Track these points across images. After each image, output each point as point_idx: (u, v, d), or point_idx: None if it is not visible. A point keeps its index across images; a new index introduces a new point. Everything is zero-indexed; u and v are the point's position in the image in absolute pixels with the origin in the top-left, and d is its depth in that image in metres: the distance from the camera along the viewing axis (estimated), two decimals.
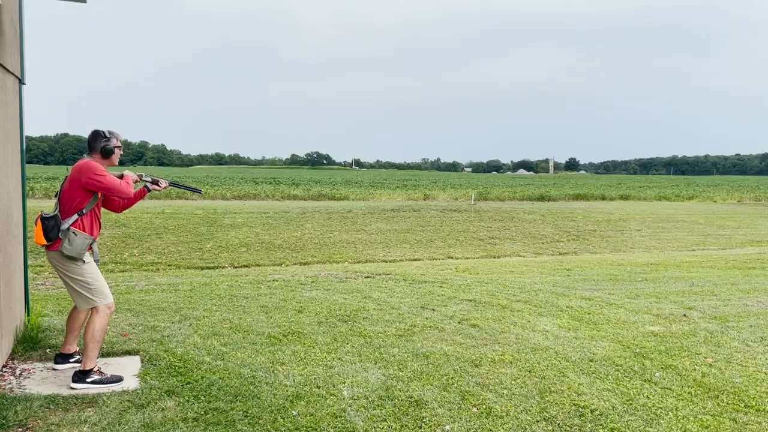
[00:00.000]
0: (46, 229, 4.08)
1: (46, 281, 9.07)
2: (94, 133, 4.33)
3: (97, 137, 4.31)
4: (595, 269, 10.86)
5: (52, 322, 5.73)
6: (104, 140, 4.31)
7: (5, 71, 4.61)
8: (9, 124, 4.76)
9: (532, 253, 15.05)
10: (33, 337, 5.06)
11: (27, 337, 5.04)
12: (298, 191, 30.17)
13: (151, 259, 12.18)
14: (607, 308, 7.07)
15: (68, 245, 4.09)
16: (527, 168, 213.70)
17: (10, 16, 4.82)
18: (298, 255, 13.52)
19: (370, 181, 53.96)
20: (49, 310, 6.25)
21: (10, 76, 4.85)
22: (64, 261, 4.17)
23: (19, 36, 5.25)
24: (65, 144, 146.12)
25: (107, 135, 4.32)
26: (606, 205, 27.58)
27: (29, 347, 4.90)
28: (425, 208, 21.62)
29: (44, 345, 5.00)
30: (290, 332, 5.65)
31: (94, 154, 4.32)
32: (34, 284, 8.56)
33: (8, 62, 4.65)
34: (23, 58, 5.34)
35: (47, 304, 6.65)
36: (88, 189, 4.18)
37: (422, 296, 7.59)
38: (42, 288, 8.38)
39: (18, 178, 5.15)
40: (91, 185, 4.15)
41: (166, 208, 18.61)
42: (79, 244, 4.12)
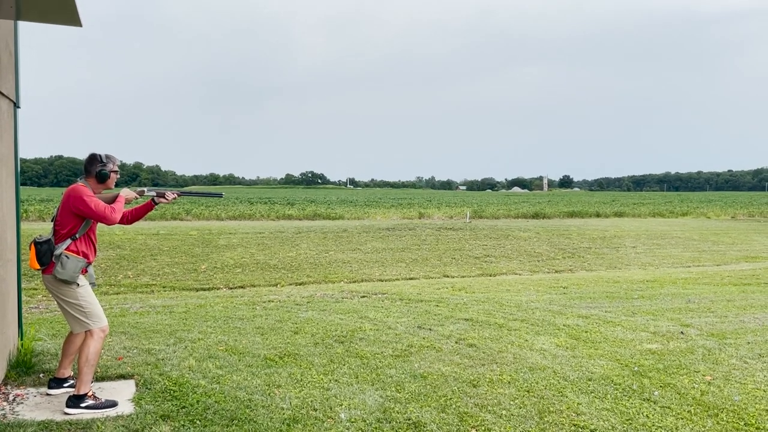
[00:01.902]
0: (40, 254, 4.07)
1: (39, 304, 9.00)
2: (91, 156, 4.32)
3: (94, 161, 4.30)
4: (591, 287, 10.85)
5: (45, 346, 5.67)
6: (100, 165, 4.30)
7: (0, 95, 4.61)
8: (3, 148, 4.75)
9: (528, 270, 15.05)
10: (26, 362, 5.00)
11: (20, 361, 4.98)
12: (293, 211, 30.17)
13: (145, 281, 12.12)
14: (605, 326, 7.06)
15: (61, 269, 4.07)
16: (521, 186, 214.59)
17: (5, 39, 4.84)
18: (293, 275, 13.47)
19: (365, 200, 54.02)
20: (42, 334, 6.19)
21: (5, 100, 4.86)
22: (58, 284, 4.14)
23: (15, 59, 5.26)
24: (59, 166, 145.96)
25: (103, 160, 4.32)
26: (601, 222, 27.66)
27: (22, 372, 4.85)
28: (420, 227, 21.63)
29: (38, 369, 4.94)
30: (286, 354, 5.61)
31: (89, 178, 4.31)
32: (27, 308, 8.49)
33: (3, 86, 4.66)
34: (18, 82, 5.34)
35: (41, 327, 6.59)
36: (77, 215, 4.16)
37: (419, 316, 7.56)
38: (36, 311, 8.30)
39: (12, 201, 5.13)
40: (77, 210, 4.13)
41: (161, 230, 18.56)
42: (72, 268, 4.10)
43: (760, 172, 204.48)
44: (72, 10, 4.04)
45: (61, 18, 4.33)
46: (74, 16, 4.21)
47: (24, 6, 4.06)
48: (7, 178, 4.88)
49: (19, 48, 5.36)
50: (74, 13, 4.11)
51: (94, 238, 4.38)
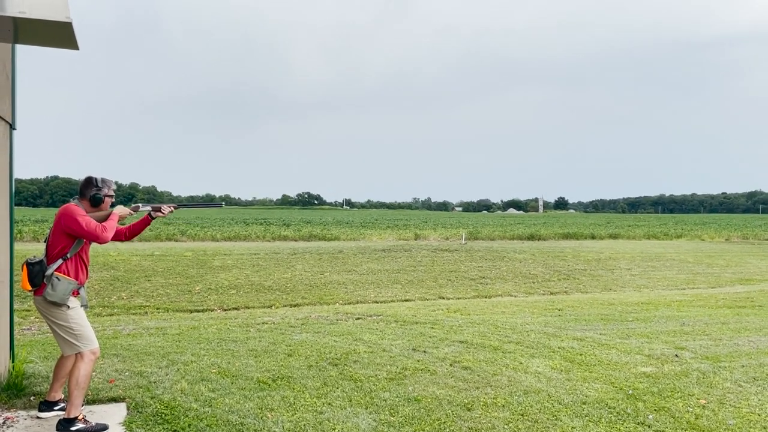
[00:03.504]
0: (31, 275, 4.07)
1: (32, 326, 8.94)
2: (87, 180, 4.34)
3: (89, 185, 4.32)
4: (586, 309, 10.85)
5: (37, 368, 5.63)
6: (95, 189, 4.32)
7: None
8: None
9: (523, 292, 15.04)
10: (17, 384, 4.96)
11: (11, 384, 4.94)
12: (289, 232, 30.13)
13: (139, 303, 12.06)
14: (599, 349, 7.05)
15: (51, 290, 4.06)
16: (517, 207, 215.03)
17: (2, 62, 4.88)
18: (288, 297, 13.43)
19: (361, 221, 54.03)
20: (34, 356, 6.14)
21: (1, 122, 4.88)
22: (49, 306, 4.13)
23: (12, 81, 5.29)
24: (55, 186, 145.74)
25: (99, 184, 4.34)
26: (596, 244, 27.70)
27: (13, 395, 4.81)
28: (416, 248, 21.63)
29: (29, 392, 4.90)
30: (279, 377, 5.58)
31: (83, 200, 4.32)
32: (20, 329, 8.43)
33: None
34: (15, 104, 5.37)
35: (33, 350, 6.54)
36: (69, 234, 4.16)
37: (413, 338, 7.54)
38: (28, 333, 8.25)
39: (6, 222, 5.13)
40: (69, 230, 4.14)
41: (156, 251, 18.51)
42: (62, 290, 4.09)
43: (754, 195, 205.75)
44: (69, 34, 4.08)
45: (58, 42, 4.37)
46: (72, 40, 4.25)
47: (21, 30, 4.10)
48: (1, 200, 4.88)
49: (16, 70, 5.39)
50: (72, 37, 4.15)
51: (86, 259, 4.38)
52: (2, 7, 3.76)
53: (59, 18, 3.84)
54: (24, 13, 3.79)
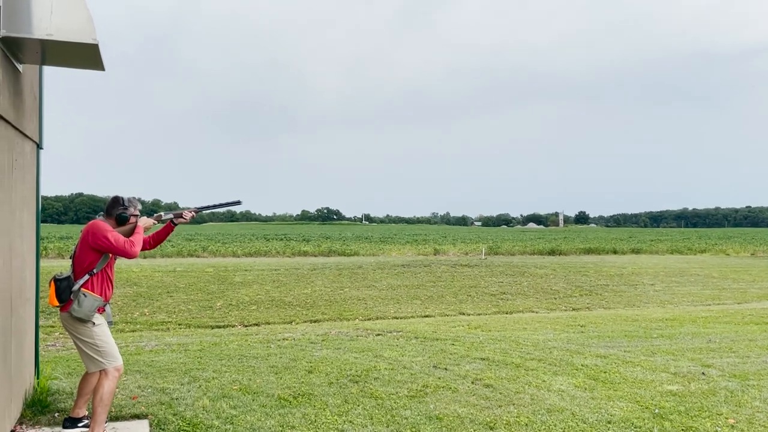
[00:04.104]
0: (59, 291, 4.11)
1: (56, 342, 9.05)
2: (114, 199, 4.41)
3: (116, 204, 4.39)
4: (609, 325, 10.70)
5: (61, 385, 5.69)
6: (121, 208, 4.38)
7: (24, 137, 4.74)
8: (26, 189, 4.86)
9: (545, 308, 14.89)
10: (42, 401, 5.01)
11: (36, 400, 5.00)
12: (309, 247, 30.25)
13: (161, 319, 12.15)
14: (624, 366, 6.93)
15: (77, 307, 4.10)
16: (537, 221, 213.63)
17: (30, 83, 4.99)
18: (308, 312, 13.44)
19: (381, 236, 54.06)
20: (58, 373, 6.21)
21: (29, 142, 4.99)
22: (75, 323, 4.17)
23: (39, 102, 5.41)
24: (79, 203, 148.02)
25: (125, 203, 4.40)
26: (618, 259, 27.39)
27: (38, 411, 4.85)
28: (436, 263, 21.56)
29: (53, 409, 4.94)
30: (300, 394, 5.57)
31: (109, 219, 4.39)
32: (44, 345, 8.54)
33: (27, 128, 4.79)
34: (42, 124, 5.49)
35: (57, 366, 6.61)
36: (97, 250, 4.21)
37: (434, 355, 7.49)
38: (53, 349, 8.34)
39: (32, 241, 5.22)
40: (97, 246, 4.19)
41: (178, 267, 18.68)
42: (88, 306, 4.13)
43: None
44: (95, 55, 4.18)
45: (84, 63, 4.47)
46: (98, 62, 4.35)
47: (49, 52, 4.20)
48: (28, 219, 4.97)
49: (43, 91, 5.52)
50: (98, 58, 4.25)
51: (112, 275, 4.43)
52: (30, 30, 3.86)
53: (86, 40, 3.94)
54: (51, 35, 3.88)
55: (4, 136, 4.00)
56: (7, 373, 4.13)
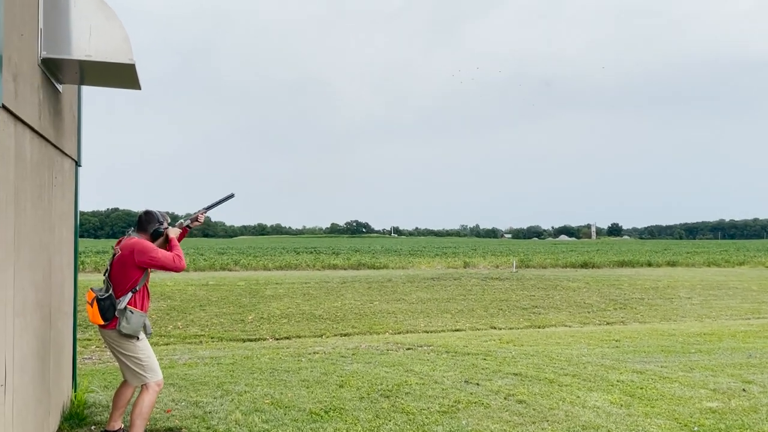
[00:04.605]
0: (103, 310, 4.16)
1: (92, 355, 9.22)
2: (150, 215, 4.48)
3: (152, 220, 4.46)
4: (645, 340, 10.47)
5: (98, 397, 5.78)
6: (158, 223, 4.46)
7: (63, 155, 4.87)
8: (65, 205, 4.99)
9: (578, 322, 14.65)
10: (79, 414, 5.10)
11: (73, 413, 5.09)
12: (338, 260, 30.33)
13: (194, 332, 12.29)
14: (661, 382, 6.77)
15: (126, 324, 4.16)
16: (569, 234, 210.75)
17: (69, 102, 5.13)
18: (338, 326, 13.46)
19: (410, 248, 53.94)
20: (95, 386, 6.32)
21: (68, 160, 5.12)
22: (120, 339, 4.23)
23: (77, 121, 5.56)
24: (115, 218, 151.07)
25: (160, 219, 4.49)
26: (653, 272, 26.85)
27: (75, 424, 4.94)
28: (466, 276, 21.42)
29: (90, 422, 5.03)
30: (332, 408, 5.56)
31: (143, 234, 4.45)
32: (80, 359, 8.70)
33: (66, 147, 4.92)
34: (80, 142, 5.63)
35: (94, 379, 6.73)
36: (141, 267, 4.28)
37: (466, 369, 7.42)
38: (89, 362, 8.50)
39: (71, 256, 5.35)
40: (145, 265, 4.26)
41: (210, 280, 18.91)
42: (136, 322, 4.20)
43: None
44: (132, 75, 4.28)
45: (121, 82, 4.59)
46: (134, 81, 4.45)
47: (87, 72, 4.31)
48: (67, 235, 5.09)
49: (81, 110, 5.67)
50: (134, 78, 4.35)
51: (149, 289, 4.51)
52: (69, 51, 3.98)
53: (123, 60, 4.04)
54: (90, 56, 3.99)
55: (45, 155, 4.11)
56: (45, 386, 4.22)
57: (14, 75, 3.19)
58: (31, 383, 3.78)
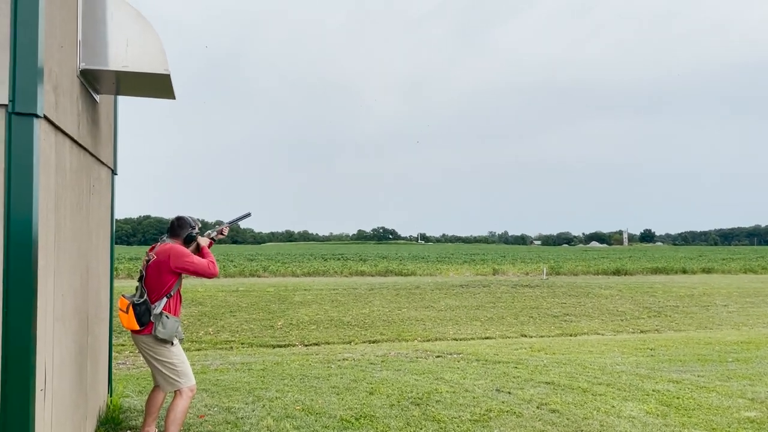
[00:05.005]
0: (139, 315, 4.21)
1: (126, 360, 9.36)
2: (182, 220, 4.55)
3: (185, 225, 4.53)
4: (680, 349, 10.25)
5: (132, 402, 5.87)
6: (191, 229, 4.53)
7: (101, 164, 4.97)
8: (102, 212, 5.09)
9: (611, 330, 14.40)
10: (114, 418, 5.18)
11: (109, 417, 5.17)
12: (366, 267, 30.38)
13: (225, 338, 12.41)
14: (698, 392, 6.62)
15: (162, 329, 4.22)
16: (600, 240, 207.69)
17: (106, 112, 5.24)
18: (366, 333, 13.45)
19: (437, 255, 53.77)
20: (130, 391, 6.42)
21: (104, 168, 5.23)
22: (155, 344, 4.29)
23: (114, 130, 5.68)
24: (147, 225, 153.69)
25: (192, 224, 4.55)
26: (688, 279, 26.31)
27: (111, 428, 5.02)
28: (495, 284, 21.25)
29: (125, 426, 5.10)
30: (362, 415, 5.56)
31: (177, 240, 4.52)
32: (115, 364, 8.84)
33: (103, 155, 5.02)
34: (116, 151, 5.75)
35: (128, 384, 6.83)
36: (175, 272, 4.35)
37: (497, 378, 7.35)
38: (123, 367, 8.64)
39: (107, 262, 5.45)
40: (181, 270, 4.32)
41: (240, 286, 19.09)
42: (171, 327, 4.26)
43: None
44: (167, 85, 4.35)
45: (157, 92, 4.67)
46: (169, 91, 4.53)
47: (123, 82, 4.40)
48: (104, 241, 5.19)
49: (118, 120, 5.79)
50: (169, 88, 4.43)
51: (181, 295, 4.58)
52: (107, 62, 4.06)
53: (159, 71, 4.11)
54: (126, 67, 4.07)
55: (83, 163, 4.20)
56: (83, 390, 4.30)
57: (54, 86, 3.27)
58: (70, 388, 3.86)
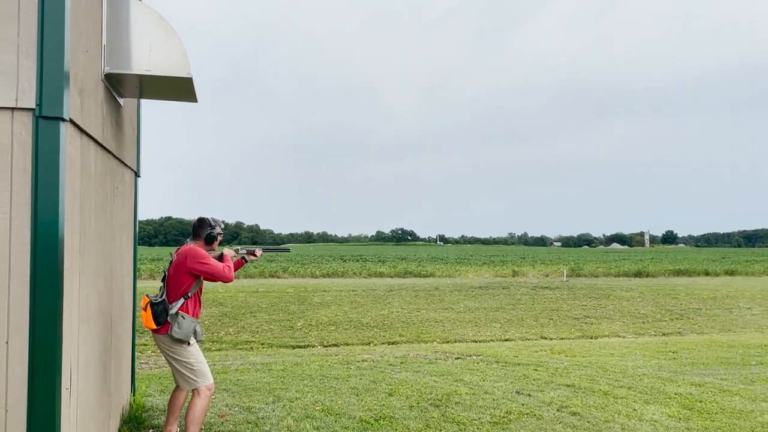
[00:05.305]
0: (156, 314, 4.31)
1: (149, 360, 9.48)
2: (201, 220, 4.62)
3: (204, 225, 4.60)
4: (703, 351, 10.11)
5: (155, 401, 5.94)
6: (209, 228, 4.59)
7: (124, 166, 5.05)
8: (125, 214, 5.16)
9: (633, 333, 14.26)
10: (137, 417, 5.25)
11: (132, 416, 5.24)
12: (385, 268, 30.38)
13: (245, 338, 12.51)
14: (721, 395, 6.53)
15: (178, 329, 4.29)
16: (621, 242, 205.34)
17: (130, 115, 5.32)
18: (385, 334, 13.46)
19: (456, 257, 53.59)
20: (152, 390, 6.50)
21: (128, 170, 5.30)
22: (172, 344, 4.36)
23: (137, 133, 5.76)
24: (168, 226, 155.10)
25: (212, 223, 4.61)
26: (710, 281, 25.93)
27: (134, 427, 5.09)
28: (515, 286, 21.14)
29: (147, 425, 5.17)
30: (382, 417, 5.57)
31: (198, 240, 4.59)
32: (138, 363, 8.96)
33: (127, 158, 5.10)
34: (140, 153, 5.83)
35: (151, 383, 6.92)
36: (192, 274, 4.41)
37: (516, 380, 7.31)
38: (145, 367, 8.75)
39: (130, 264, 5.52)
40: (196, 271, 4.39)
41: (260, 287, 19.21)
42: (187, 327, 4.32)
43: None
44: (190, 88, 4.41)
45: (179, 96, 4.73)
46: (191, 94, 4.59)
47: (146, 86, 4.47)
48: (127, 243, 5.27)
49: (141, 123, 5.87)
50: (192, 91, 4.48)
51: (200, 296, 4.63)
52: (130, 66, 4.13)
53: (181, 74, 4.16)
54: (149, 71, 4.13)
55: (107, 166, 4.27)
56: (107, 389, 4.36)
57: (80, 90, 3.33)
58: (94, 387, 3.92)
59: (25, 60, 2.94)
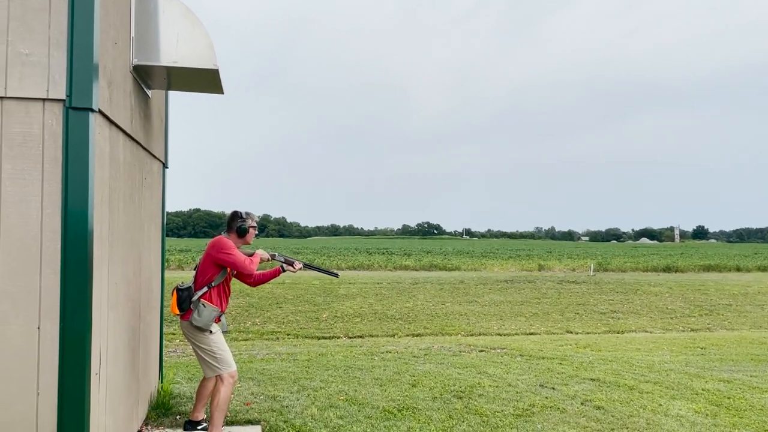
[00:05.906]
0: (180, 300, 4.41)
1: (177, 348, 9.65)
2: (233, 213, 4.70)
3: (235, 218, 4.67)
4: (733, 348, 9.93)
5: (182, 389, 6.05)
6: (240, 221, 4.65)
7: (152, 157, 5.13)
8: (153, 205, 5.25)
9: (660, 328, 14.06)
10: (165, 404, 5.35)
11: (160, 403, 5.35)
12: (410, 261, 30.37)
13: (271, 329, 12.65)
14: (750, 392, 6.41)
15: (197, 316, 4.38)
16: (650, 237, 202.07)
17: (158, 107, 5.40)
18: (410, 326, 13.49)
19: (482, 250, 53.35)
20: (179, 377, 6.62)
21: (156, 162, 5.39)
22: (194, 331, 4.45)
23: (165, 125, 5.85)
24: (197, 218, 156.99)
25: (243, 216, 4.67)
26: (742, 277, 25.40)
27: (161, 413, 5.19)
28: (540, 280, 20.98)
29: (175, 411, 5.27)
30: (405, 407, 5.59)
31: (231, 233, 4.67)
32: (166, 351, 9.12)
33: (155, 149, 5.18)
34: (167, 145, 5.92)
35: (178, 371, 7.05)
36: (218, 264, 4.49)
37: (540, 373, 7.27)
38: (174, 355, 8.90)
39: (159, 253, 5.62)
40: (220, 260, 4.46)
41: (286, 279, 19.36)
42: (207, 316, 4.39)
43: None
44: (216, 80, 4.46)
45: (205, 87, 4.79)
46: (218, 86, 4.64)
47: (174, 78, 4.53)
48: (155, 233, 5.36)
49: (169, 115, 5.96)
50: (218, 82, 4.54)
51: (229, 290, 4.69)
52: (158, 58, 4.19)
53: (207, 66, 4.22)
54: (176, 62, 4.19)
55: (136, 157, 4.35)
56: (135, 376, 4.46)
57: (109, 82, 3.40)
58: (123, 373, 4.01)
59: (56, 52, 3.01)
